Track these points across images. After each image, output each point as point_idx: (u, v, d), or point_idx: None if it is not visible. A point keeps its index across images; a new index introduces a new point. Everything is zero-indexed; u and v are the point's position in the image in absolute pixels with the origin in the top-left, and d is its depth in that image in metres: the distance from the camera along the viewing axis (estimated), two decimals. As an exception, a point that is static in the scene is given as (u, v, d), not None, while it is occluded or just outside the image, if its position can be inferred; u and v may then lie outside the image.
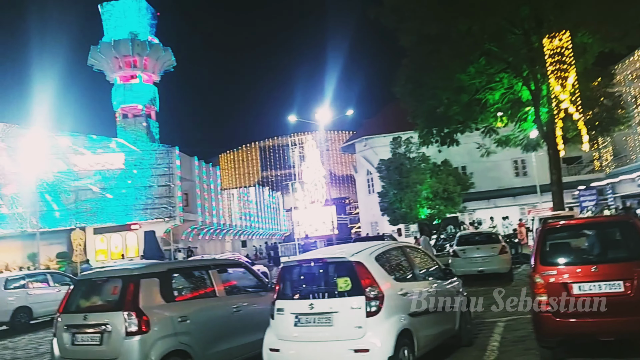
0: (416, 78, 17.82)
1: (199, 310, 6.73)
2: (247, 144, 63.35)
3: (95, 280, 7.15)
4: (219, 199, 47.84)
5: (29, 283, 15.74)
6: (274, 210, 72.25)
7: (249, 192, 59.97)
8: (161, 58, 44.69)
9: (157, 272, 6.72)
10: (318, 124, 33.45)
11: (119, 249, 35.02)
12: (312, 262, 6.06)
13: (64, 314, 6.75)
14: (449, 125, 19.60)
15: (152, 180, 34.96)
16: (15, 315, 14.51)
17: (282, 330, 5.80)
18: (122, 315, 6.04)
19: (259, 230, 62.69)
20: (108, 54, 42.48)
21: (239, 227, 54.26)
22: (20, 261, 32.37)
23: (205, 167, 44.83)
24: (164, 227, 35.38)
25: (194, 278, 7.28)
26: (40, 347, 11.40)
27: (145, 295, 6.27)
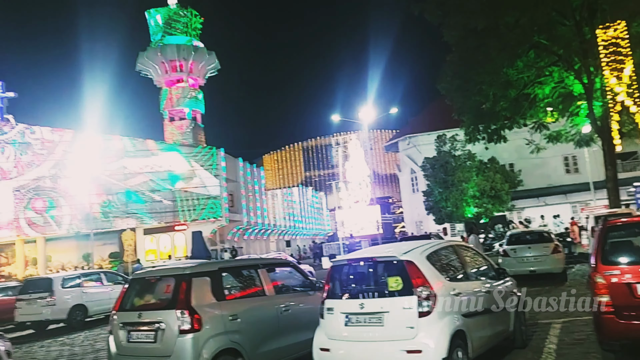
0: (462, 74, 17.43)
1: (248, 309, 6.78)
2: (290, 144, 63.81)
3: (148, 279, 7.32)
4: (263, 199, 48.41)
5: (84, 282, 16.33)
6: (317, 210, 72.46)
7: (292, 193, 60.39)
8: (206, 62, 45.62)
9: (208, 271, 6.82)
10: (362, 123, 33.29)
11: (167, 249, 35.98)
12: (361, 261, 6.00)
13: (119, 312, 6.92)
14: (496, 121, 19.08)
15: (199, 182, 35.70)
16: (72, 313, 15.08)
17: (332, 329, 5.77)
18: (175, 313, 6.15)
19: (303, 230, 63.01)
20: (155, 59, 43.74)
21: (283, 227, 54.71)
22: (75, 261, 33.81)
23: (249, 168, 45.45)
24: (211, 228, 36.09)
25: (243, 277, 7.34)
26: (96, 344, 11.81)
27: (197, 294, 6.37)
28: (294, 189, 62.54)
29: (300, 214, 62.33)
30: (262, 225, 47.05)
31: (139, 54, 44.50)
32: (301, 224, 62.22)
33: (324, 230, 73.11)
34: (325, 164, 65.48)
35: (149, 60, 43.94)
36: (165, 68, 43.86)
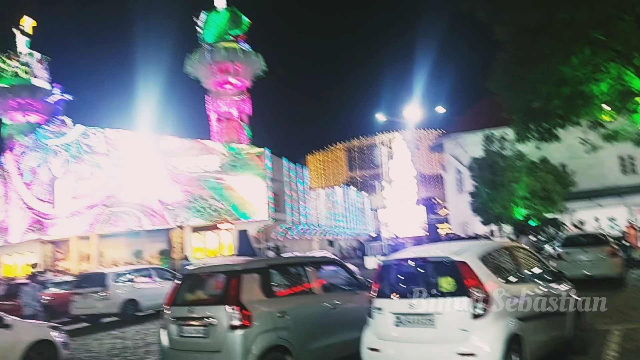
0: (513, 71, 16.86)
1: (297, 307, 6.81)
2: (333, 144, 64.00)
3: (199, 274, 7.48)
4: (306, 199, 48.56)
5: (136, 277, 16.86)
6: (360, 210, 72.06)
7: (335, 192, 60.36)
8: (252, 64, 46.32)
9: (257, 267, 6.89)
10: (407, 122, 32.87)
11: (214, 247, 36.67)
12: (412, 261, 5.90)
13: (171, 307, 7.08)
14: (549, 120, 18.35)
15: (244, 181, 36.21)
16: (124, 307, 15.58)
17: (381, 329, 5.70)
18: (225, 309, 6.24)
19: (346, 230, 62.84)
20: (203, 61, 44.76)
21: (326, 226, 54.74)
22: (126, 257, 34.98)
23: (293, 168, 45.71)
24: (256, 227, 36.52)
25: (291, 274, 7.38)
26: (147, 338, 12.14)
27: (247, 291, 6.44)
28: (337, 189, 62.51)
29: (343, 213, 62.15)
30: (305, 225, 47.24)
31: (187, 57, 45.69)
32: (344, 224, 62.06)
33: (367, 231, 72.69)
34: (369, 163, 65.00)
35: (197, 62, 45.00)
36: (213, 70, 44.82)
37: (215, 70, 44.75)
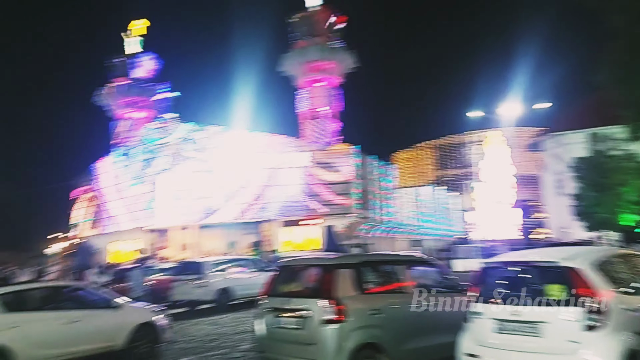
0: (627, 64, 15.50)
1: (390, 305, 6.73)
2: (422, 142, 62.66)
3: (295, 267, 7.63)
4: (393, 197, 48.08)
5: (230, 267, 17.62)
6: (448, 211, 70.09)
7: (423, 191, 59.17)
8: (344, 60, 46.58)
9: (352, 263, 6.91)
10: (502, 120, 31.35)
11: (301, 241, 37.42)
12: (516, 265, 5.61)
13: (267, 297, 7.31)
14: (667, 116, 16.67)
15: (333, 177, 36.62)
16: (219, 295, 16.32)
17: (480, 335, 5.47)
18: (320, 302, 6.31)
19: (432, 230, 61.42)
20: (297, 60, 45.69)
21: (412, 226, 53.86)
22: (221, 248, 36.68)
23: (381, 166, 45.42)
24: (342, 223, 36.78)
25: (385, 272, 7.31)
26: (241, 326, 12.61)
27: (341, 285, 6.47)
28: (424, 188, 61.20)
29: (429, 213, 60.79)
30: (391, 223, 46.80)
31: (282, 56, 46.86)
32: (430, 224, 60.69)
33: (455, 232, 70.55)
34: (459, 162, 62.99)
35: (291, 61, 46.03)
36: (305, 68, 45.65)
37: (307, 68, 45.54)
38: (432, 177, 70.16)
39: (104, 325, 8.80)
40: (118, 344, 8.87)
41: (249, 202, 36.05)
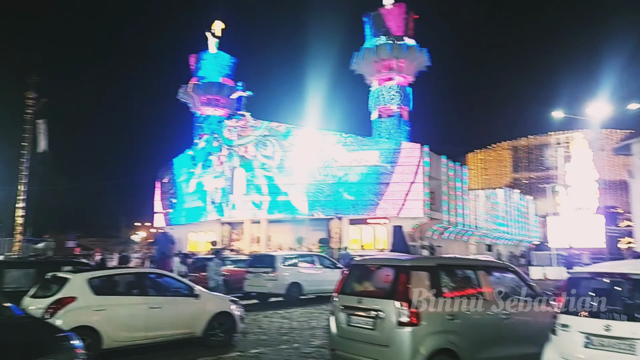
0: None
1: (467, 311, 6.57)
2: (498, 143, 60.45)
3: (368, 266, 7.62)
4: (465, 199, 46.77)
5: (300, 262, 17.92)
6: (524, 215, 67.12)
7: (497, 194, 57.06)
8: (416, 59, 45.90)
9: (427, 265, 6.82)
10: (590, 121, 29.41)
11: (369, 240, 37.33)
12: (609, 277, 5.28)
13: (340, 295, 7.33)
14: None
15: (402, 177, 36.24)
16: (289, 289, 16.65)
17: (567, 349, 5.22)
18: (394, 304, 6.27)
19: (506, 235, 59.10)
20: (369, 58, 45.55)
21: (484, 229, 52.13)
22: (290, 243, 37.39)
23: (453, 166, 44.32)
24: (411, 223, 36.28)
25: (462, 276, 7.14)
26: (311, 321, 12.78)
27: (416, 288, 6.40)
28: (498, 191, 58.96)
29: (504, 217, 58.52)
30: (462, 226, 45.57)
31: (353, 54, 46.89)
32: (504, 229, 58.40)
33: (530, 237, 67.51)
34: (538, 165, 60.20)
35: (362, 60, 45.96)
36: (377, 67, 45.42)
37: (379, 66, 45.30)
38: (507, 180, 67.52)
39: (185, 312, 9.22)
40: (197, 332, 9.28)
41: (318, 198, 36.44)
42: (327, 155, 37.01)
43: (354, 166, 36.83)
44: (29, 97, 29.78)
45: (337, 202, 36.70)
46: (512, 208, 62.12)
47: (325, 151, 37.01)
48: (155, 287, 9.45)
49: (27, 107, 30.18)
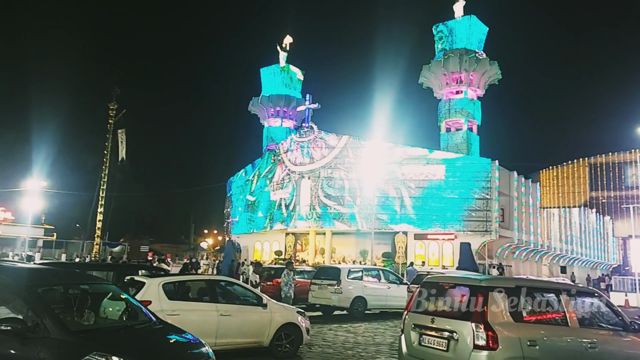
0: None
1: (549, 337, 6.21)
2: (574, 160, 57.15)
3: (442, 284, 7.37)
4: (537, 217, 44.66)
5: (365, 276, 17.69)
6: (601, 236, 63.09)
7: (571, 213, 54.03)
8: (487, 72, 44.54)
9: (505, 286, 6.50)
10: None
11: (435, 256, 36.40)
12: None
13: (411, 313, 7.15)
14: None
15: (470, 192, 35.19)
16: (354, 303, 16.48)
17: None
18: (470, 326, 6.03)
19: (581, 257, 55.76)
20: (437, 72, 44.71)
21: (558, 250, 49.46)
22: (353, 255, 37.21)
23: (524, 183, 42.55)
24: (480, 241, 35.06)
25: (543, 300, 6.74)
26: (376, 337, 12.57)
27: (494, 310, 6.13)
28: (573, 210, 55.82)
29: (579, 238, 55.28)
30: (534, 245, 43.47)
31: (422, 68, 46.17)
32: (580, 250, 55.15)
33: (608, 260, 63.36)
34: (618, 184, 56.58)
35: (431, 73, 45.21)
36: (445, 80, 44.51)
37: (448, 79, 44.38)
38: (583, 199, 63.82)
39: (253, 321, 9.32)
40: (264, 341, 9.35)
41: (384, 212, 36.05)
42: (394, 168, 36.60)
43: (420, 180, 36.19)
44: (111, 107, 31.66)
45: (403, 216, 36.15)
46: (588, 228, 58.65)
47: (392, 164, 36.62)
48: (226, 295, 9.63)
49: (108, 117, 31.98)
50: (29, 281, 5.28)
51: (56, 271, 7.47)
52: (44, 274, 6.16)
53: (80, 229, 49.55)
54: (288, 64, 56.10)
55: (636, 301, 25.50)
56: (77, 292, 5.75)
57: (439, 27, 46.72)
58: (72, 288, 5.83)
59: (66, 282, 6.04)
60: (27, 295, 5.00)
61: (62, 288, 5.80)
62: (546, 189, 48.46)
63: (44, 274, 6.19)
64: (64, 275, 6.77)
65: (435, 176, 36.11)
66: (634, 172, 41.68)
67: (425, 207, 35.85)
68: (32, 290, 5.08)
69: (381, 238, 35.41)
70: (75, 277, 6.72)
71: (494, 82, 47.28)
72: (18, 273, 5.80)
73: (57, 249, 40.68)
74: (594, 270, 58.28)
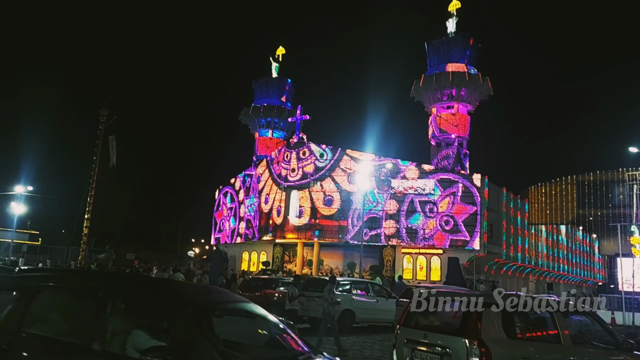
0: None
1: (542, 355, 6.15)
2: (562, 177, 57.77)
3: (435, 299, 7.30)
4: (525, 234, 44.94)
5: (353, 289, 17.58)
6: (587, 255, 63.64)
7: (559, 231, 54.47)
8: (478, 88, 44.99)
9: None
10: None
11: (422, 271, 36.38)
12: None
13: (403, 327, 7.08)
14: None
15: (459, 207, 35.30)
16: (342, 316, 16.31)
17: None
18: (464, 342, 5.96)
19: (567, 274, 56.14)
20: (429, 87, 45.07)
21: (544, 267, 49.75)
22: (340, 268, 37.04)
23: (513, 199, 42.82)
24: (467, 256, 35.13)
25: (536, 317, 6.71)
26: (364, 351, 12.45)
27: (487, 326, 6.07)
28: (561, 227, 56.29)
29: (565, 255, 55.71)
30: (521, 261, 43.68)
31: (414, 83, 46.47)
32: (566, 267, 55.55)
33: (593, 278, 63.87)
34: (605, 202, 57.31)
35: (423, 88, 45.52)
36: (437, 95, 44.84)
37: (439, 94, 44.72)
38: (570, 216, 64.40)
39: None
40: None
41: (372, 225, 36.01)
42: (383, 181, 36.65)
43: (409, 194, 36.26)
44: (102, 113, 31.36)
45: (391, 230, 36.13)
46: (575, 246, 59.14)
47: (381, 178, 36.66)
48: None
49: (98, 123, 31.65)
50: (175, 299, 4.21)
51: (201, 287, 6.22)
52: (191, 291, 5.07)
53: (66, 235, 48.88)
54: (280, 75, 56.24)
55: (622, 319, 25.59)
56: (226, 313, 4.77)
57: (431, 42, 47.16)
58: (219, 308, 4.71)
59: (218, 300, 4.79)
60: (175, 318, 3.96)
61: (212, 308, 4.61)
62: (534, 206, 48.82)
63: (192, 291, 5.10)
64: (214, 293, 5.27)
65: (425, 190, 36.21)
66: (621, 191, 42.16)
67: (414, 221, 35.88)
68: (181, 311, 4.01)
69: (369, 251, 35.32)
70: (223, 295, 5.28)
71: (485, 99, 47.72)
72: (159, 288, 4.77)
73: (42, 254, 40.00)
74: (580, 288, 58.61)
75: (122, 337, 4.03)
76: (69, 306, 4.67)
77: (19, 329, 4.36)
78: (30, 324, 4.45)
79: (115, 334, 4.08)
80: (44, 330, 4.47)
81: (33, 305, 4.53)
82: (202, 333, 4.02)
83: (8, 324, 4.48)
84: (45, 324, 4.59)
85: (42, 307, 4.63)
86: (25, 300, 4.54)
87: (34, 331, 4.42)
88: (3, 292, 4.94)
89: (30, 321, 4.47)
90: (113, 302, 4.25)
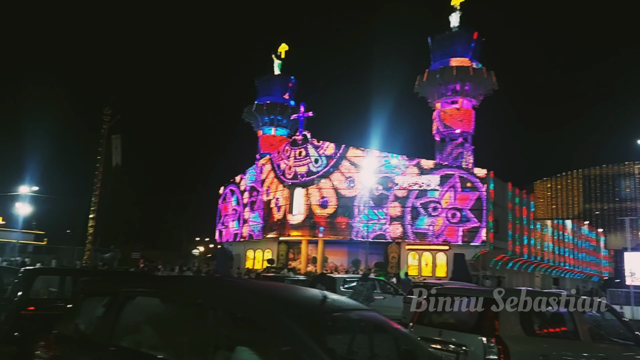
0: None
1: (561, 351, 6.00)
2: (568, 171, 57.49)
3: (449, 296, 7.16)
4: (531, 229, 44.70)
5: (360, 286, 17.42)
6: (593, 249, 63.34)
7: (565, 225, 54.19)
8: (483, 83, 44.68)
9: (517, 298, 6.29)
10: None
11: (428, 267, 36.22)
12: None
13: (417, 325, 6.93)
14: None
15: (465, 203, 35.10)
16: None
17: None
18: (481, 340, 5.82)
19: (573, 269, 55.90)
20: (433, 81, 44.79)
21: (550, 262, 49.51)
22: (345, 265, 36.92)
23: (519, 194, 42.59)
24: (473, 252, 34.94)
25: (554, 313, 6.57)
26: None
27: (505, 323, 5.92)
28: (567, 222, 56.01)
29: (572, 250, 55.45)
30: (527, 257, 43.46)
31: (418, 78, 46.21)
32: (572, 262, 55.29)
33: (599, 273, 63.58)
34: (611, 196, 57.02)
35: (427, 83, 45.26)
36: (441, 90, 44.59)
37: (443, 89, 44.45)
38: (576, 211, 64.06)
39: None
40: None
41: (377, 221, 35.86)
42: (388, 177, 36.47)
43: (414, 190, 36.07)
44: (106, 112, 31.20)
45: (396, 226, 35.97)
46: (581, 241, 58.86)
47: (386, 174, 36.50)
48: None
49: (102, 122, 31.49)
50: (284, 306, 3.53)
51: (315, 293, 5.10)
52: (301, 297, 4.04)
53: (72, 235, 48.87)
54: (283, 73, 56.03)
55: (630, 314, 25.36)
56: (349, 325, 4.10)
57: (435, 37, 46.84)
58: (342, 319, 3.97)
59: (340, 308, 3.99)
60: (287, 330, 3.20)
61: (334, 319, 3.85)
62: (540, 201, 48.53)
63: (302, 297, 4.04)
64: (335, 300, 4.10)
65: (429, 186, 36.02)
66: (628, 184, 41.85)
67: (419, 217, 35.70)
68: (293, 319, 3.29)
69: (374, 248, 35.18)
70: (342, 303, 4.28)
71: (490, 93, 47.40)
72: (262, 292, 3.96)
73: (48, 254, 40.03)
74: (586, 282, 58.45)
75: (225, 354, 3.33)
76: (162, 315, 4.06)
77: (110, 341, 3.90)
78: (121, 336, 3.97)
79: (218, 350, 3.38)
80: (136, 344, 3.93)
81: (124, 314, 4.02)
82: (327, 351, 3.23)
83: (98, 335, 4.07)
84: (138, 335, 4.03)
85: (133, 316, 4.09)
86: (116, 308, 4.04)
87: (125, 344, 3.93)
88: (91, 299, 4.52)
89: (119, 332, 3.98)
90: (215, 311, 3.49)
